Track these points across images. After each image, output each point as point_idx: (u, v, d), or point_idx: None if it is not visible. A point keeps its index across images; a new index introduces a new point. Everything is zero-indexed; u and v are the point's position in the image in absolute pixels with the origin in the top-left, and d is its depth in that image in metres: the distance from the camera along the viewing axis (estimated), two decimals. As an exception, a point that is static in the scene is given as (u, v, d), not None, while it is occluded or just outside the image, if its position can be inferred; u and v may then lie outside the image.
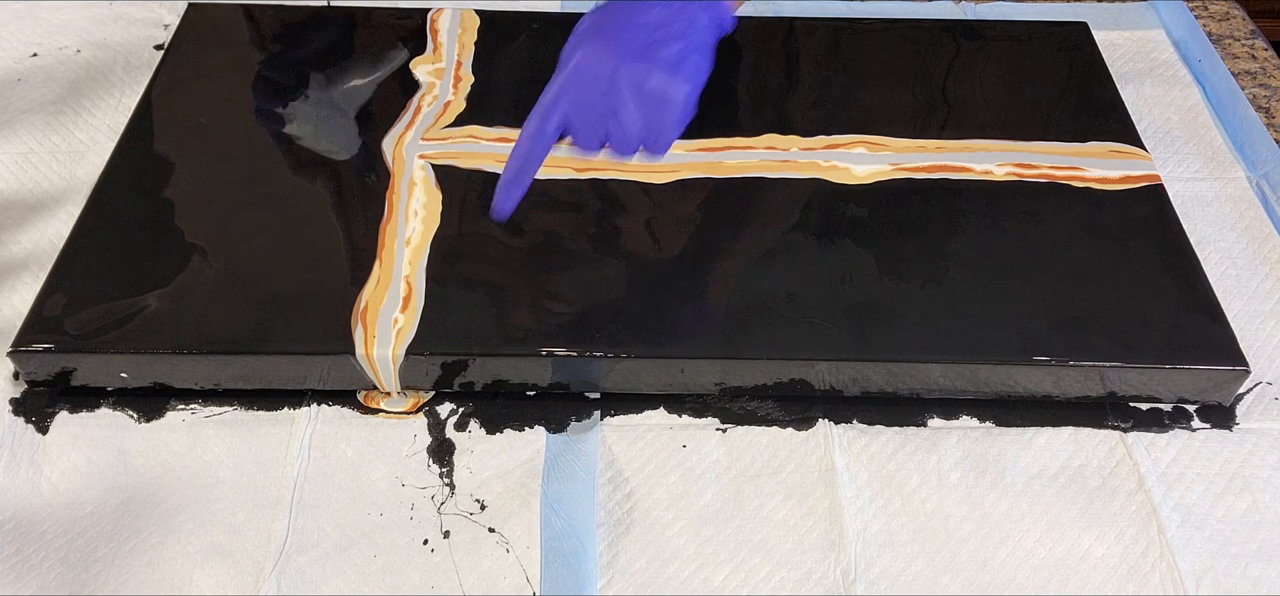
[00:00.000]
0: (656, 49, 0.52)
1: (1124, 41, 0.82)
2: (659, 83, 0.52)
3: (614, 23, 0.53)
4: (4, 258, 0.64)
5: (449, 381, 0.57)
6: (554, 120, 0.53)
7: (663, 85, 0.52)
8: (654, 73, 0.52)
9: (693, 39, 0.53)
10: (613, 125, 0.53)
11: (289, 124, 0.68)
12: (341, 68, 0.73)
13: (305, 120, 0.68)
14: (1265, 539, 0.53)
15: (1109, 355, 0.56)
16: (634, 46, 0.52)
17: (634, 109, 0.52)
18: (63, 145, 0.71)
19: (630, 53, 0.52)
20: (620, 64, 0.52)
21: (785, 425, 0.57)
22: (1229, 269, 0.65)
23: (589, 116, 0.53)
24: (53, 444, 0.55)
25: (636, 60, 0.52)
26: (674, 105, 0.53)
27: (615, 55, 0.52)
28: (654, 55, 0.52)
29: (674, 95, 0.52)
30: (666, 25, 0.52)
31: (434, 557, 0.51)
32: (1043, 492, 0.54)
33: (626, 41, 0.52)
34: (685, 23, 0.53)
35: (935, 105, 0.72)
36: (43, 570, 0.51)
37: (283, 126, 0.68)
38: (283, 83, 0.71)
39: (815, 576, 0.51)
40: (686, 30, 0.53)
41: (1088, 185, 0.66)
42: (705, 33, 0.53)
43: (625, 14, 0.53)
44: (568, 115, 0.53)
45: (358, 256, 0.60)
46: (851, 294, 0.59)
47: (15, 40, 0.79)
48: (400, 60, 0.73)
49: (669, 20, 0.53)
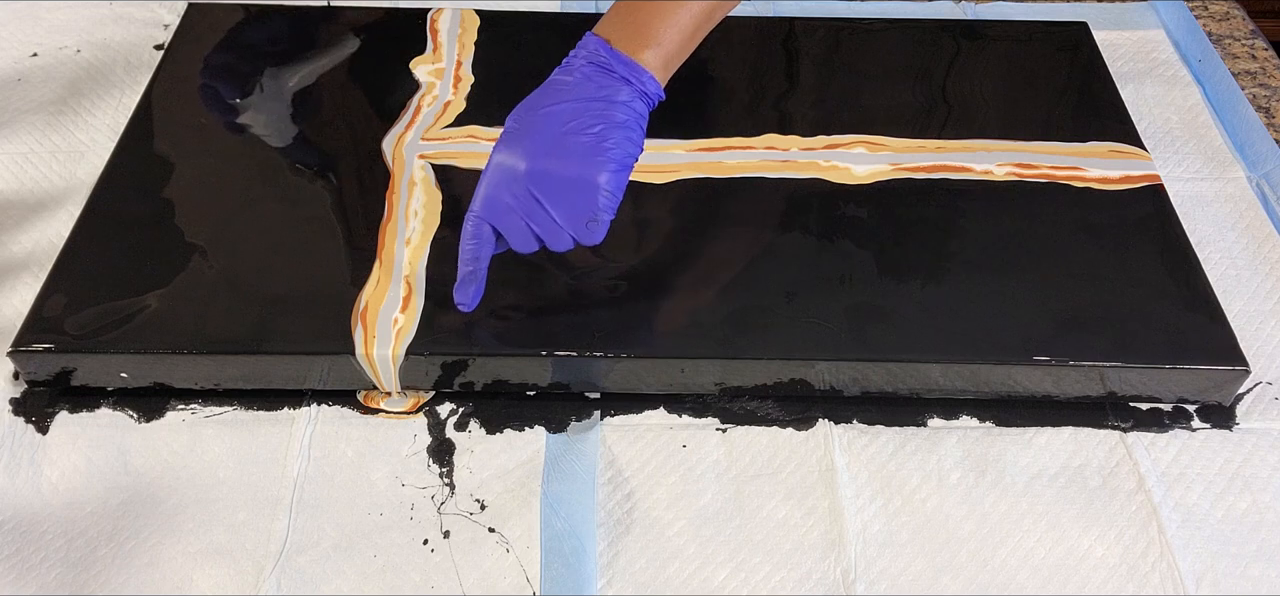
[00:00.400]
0: (571, 138, 0.51)
1: (1124, 41, 0.82)
2: (575, 171, 0.52)
3: (528, 122, 0.52)
4: (4, 258, 0.64)
5: (449, 381, 0.57)
6: (485, 228, 0.53)
7: (579, 173, 0.51)
8: (568, 163, 0.52)
9: (614, 117, 0.52)
10: (538, 224, 0.53)
11: (239, 116, 0.69)
12: (289, 62, 0.73)
13: (254, 113, 0.69)
14: (1265, 539, 0.53)
15: (1109, 355, 0.56)
16: (545, 142, 0.51)
17: (553, 205, 0.52)
18: (63, 145, 0.71)
19: (541, 149, 0.51)
20: (532, 163, 0.52)
21: (785, 425, 0.57)
22: (1229, 269, 0.65)
23: (513, 220, 0.53)
24: (53, 444, 0.55)
25: (549, 156, 0.51)
26: (596, 190, 0.52)
27: (527, 155, 0.52)
28: (568, 145, 0.51)
29: (594, 180, 0.52)
30: (581, 114, 0.52)
31: (434, 557, 0.51)
32: (1043, 492, 0.54)
33: (538, 138, 0.52)
34: (603, 105, 0.52)
35: (935, 105, 0.72)
36: (43, 570, 0.51)
37: (234, 119, 0.68)
38: (230, 82, 0.72)
39: (815, 576, 0.51)
40: (605, 111, 0.52)
41: (1088, 185, 0.66)
42: (627, 109, 0.52)
43: (538, 110, 0.52)
44: (493, 221, 0.53)
45: (358, 256, 0.60)
46: (851, 294, 0.59)
47: (15, 40, 0.79)
48: (349, 50, 0.74)
49: (583, 108, 0.52)
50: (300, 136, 0.68)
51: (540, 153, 0.51)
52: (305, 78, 0.72)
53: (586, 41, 0.53)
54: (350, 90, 0.72)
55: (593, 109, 0.52)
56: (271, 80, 0.71)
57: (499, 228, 0.54)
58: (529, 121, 0.52)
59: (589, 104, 0.52)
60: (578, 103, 0.52)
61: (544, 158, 0.51)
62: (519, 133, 0.52)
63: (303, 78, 0.72)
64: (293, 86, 0.71)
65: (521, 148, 0.52)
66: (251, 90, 0.71)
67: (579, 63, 0.53)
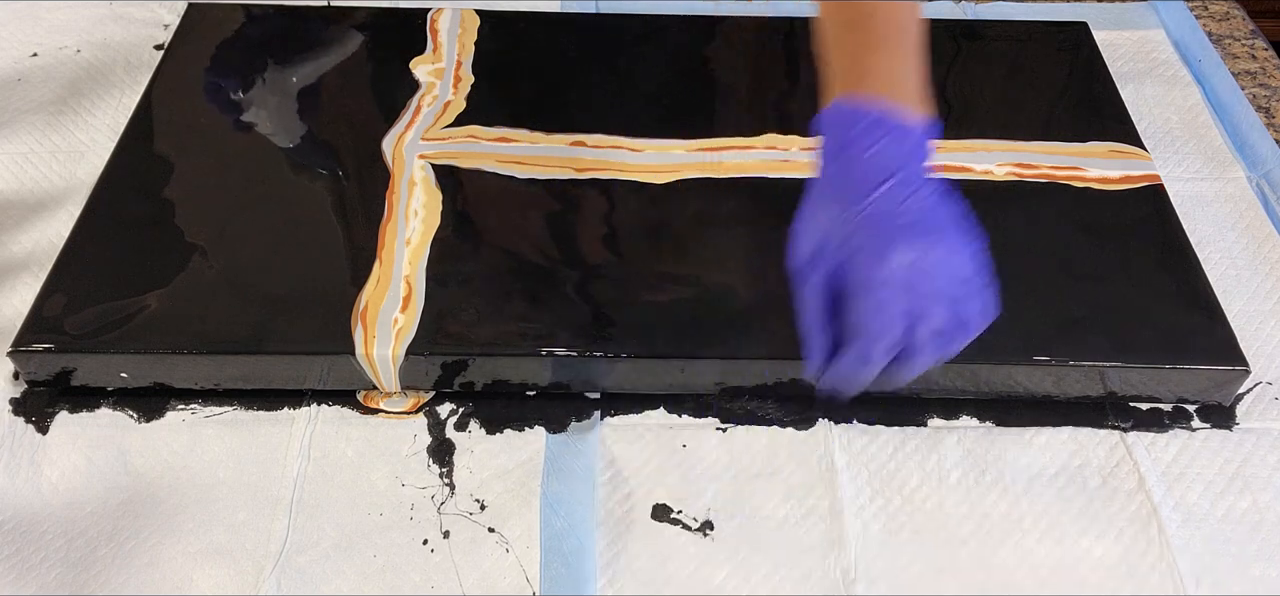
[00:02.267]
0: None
1: (1124, 41, 0.82)
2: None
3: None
4: (4, 258, 0.64)
5: (449, 381, 0.57)
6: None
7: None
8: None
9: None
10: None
11: (247, 114, 0.69)
12: (293, 60, 0.73)
13: (255, 112, 0.69)
14: (1265, 539, 0.53)
15: (1109, 355, 0.56)
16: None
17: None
18: (63, 145, 0.71)
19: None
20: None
21: (785, 425, 0.57)
22: (1229, 269, 0.65)
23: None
24: (53, 444, 0.55)
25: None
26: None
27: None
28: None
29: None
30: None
31: (434, 557, 0.51)
32: (1043, 492, 0.54)
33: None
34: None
35: (935, 105, 0.71)
36: (43, 570, 0.51)
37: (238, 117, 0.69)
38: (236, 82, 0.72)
39: (815, 576, 0.51)
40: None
41: (1088, 185, 0.66)
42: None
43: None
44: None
45: (358, 256, 0.60)
46: (851, 294, 0.58)
47: (15, 40, 0.79)
48: (353, 46, 0.74)
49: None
50: (300, 136, 0.68)
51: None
52: (308, 75, 0.72)
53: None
54: (350, 90, 0.72)
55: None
56: (273, 78, 0.71)
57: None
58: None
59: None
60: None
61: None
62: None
63: (306, 75, 0.72)
64: (297, 84, 0.71)
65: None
66: (252, 88, 0.71)
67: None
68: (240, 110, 0.69)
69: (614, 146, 0.67)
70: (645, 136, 0.68)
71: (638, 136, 0.68)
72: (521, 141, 0.67)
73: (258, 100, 0.70)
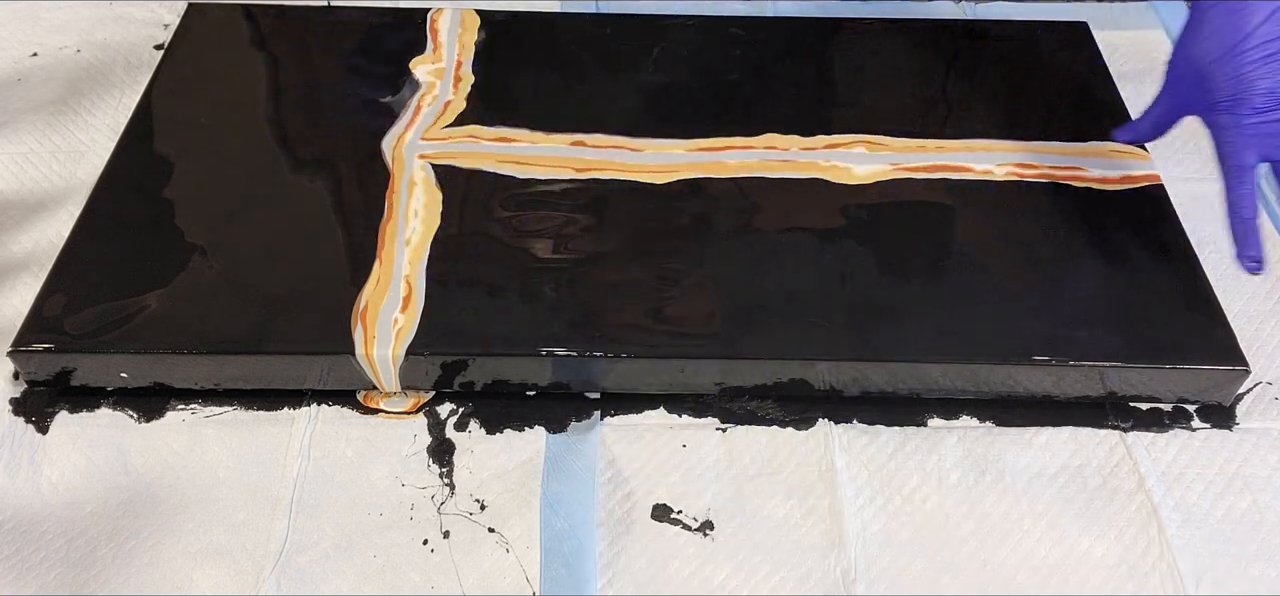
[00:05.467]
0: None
1: (1124, 41, 0.82)
2: None
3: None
4: (4, 258, 0.64)
5: (449, 381, 0.57)
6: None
7: None
8: None
9: None
10: None
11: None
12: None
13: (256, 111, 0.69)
14: (1265, 539, 0.53)
15: (1109, 355, 0.56)
16: None
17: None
18: (63, 145, 0.71)
19: None
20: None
21: (785, 425, 0.57)
22: (1229, 269, 0.65)
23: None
24: (53, 444, 0.55)
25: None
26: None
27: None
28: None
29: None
30: None
31: (434, 557, 0.51)
32: (1043, 492, 0.54)
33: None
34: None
35: (935, 105, 0.72)
36: (43, 570, 0.51)
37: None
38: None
39: (815, 576, 0.51)
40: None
41: (1088, 185, 0.66)
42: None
43: None
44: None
45: (358, 256, 0.60)
46: (851, 294, 0.59)
47: (15, 40, 0.79)
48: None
49: None
50: (300, 136, 0.68)
51: None
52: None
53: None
54: (350, 90, 0.72)
55: None
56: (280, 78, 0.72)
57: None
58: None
59: None
60: None
61: None
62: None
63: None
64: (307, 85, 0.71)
65: None
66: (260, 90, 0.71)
67: None
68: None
69: (614, 146, 0.67)
70: (645, 136, 0.68)
71: (638, 136, 0.68)
72: (521, 141, 0.67)
73: (257, 102, 0.70)
